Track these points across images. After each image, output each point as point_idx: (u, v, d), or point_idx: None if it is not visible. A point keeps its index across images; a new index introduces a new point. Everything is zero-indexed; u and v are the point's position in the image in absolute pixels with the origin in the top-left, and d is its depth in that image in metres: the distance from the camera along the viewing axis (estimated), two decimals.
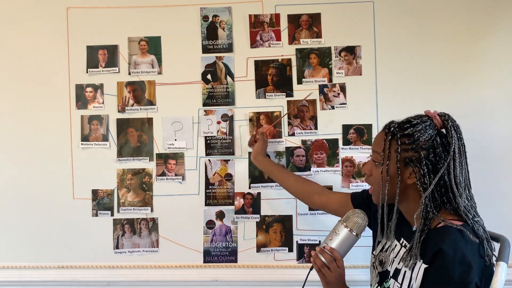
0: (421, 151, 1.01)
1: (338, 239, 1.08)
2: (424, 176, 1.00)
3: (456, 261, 0.93)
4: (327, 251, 1.07)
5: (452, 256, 0.94)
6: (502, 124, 1.57)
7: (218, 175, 1.65)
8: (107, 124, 1.66)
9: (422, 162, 1.00)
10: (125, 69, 1.65)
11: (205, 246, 1.66)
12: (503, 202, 1.57)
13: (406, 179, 1.03)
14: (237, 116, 1.64)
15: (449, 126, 1.02)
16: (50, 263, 1.68)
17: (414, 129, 1.02)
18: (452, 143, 1.00)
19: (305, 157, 1.62)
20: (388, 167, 1.04)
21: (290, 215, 1.63)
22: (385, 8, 1.59)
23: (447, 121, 1.03)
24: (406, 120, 1.07)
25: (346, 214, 1.12)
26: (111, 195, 1.66)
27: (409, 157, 1.02)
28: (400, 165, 1.03)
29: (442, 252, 0.94)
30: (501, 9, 1.57)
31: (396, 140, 1.03)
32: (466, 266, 0.93)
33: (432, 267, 0.96)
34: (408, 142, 1.02)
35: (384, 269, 1.14)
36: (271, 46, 1.62)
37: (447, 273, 0.93)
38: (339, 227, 1.10)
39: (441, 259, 0.94)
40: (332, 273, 1.06)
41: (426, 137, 1.01)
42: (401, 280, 1.05)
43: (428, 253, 0.98)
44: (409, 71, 1.59)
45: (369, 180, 1.12)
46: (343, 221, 1.10)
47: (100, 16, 1.65)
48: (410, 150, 1.02)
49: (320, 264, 1.06)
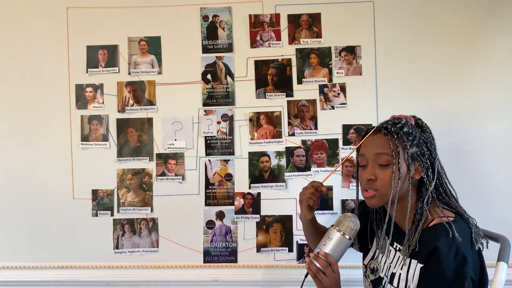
0: (422, 146, 1.07)
1: (332, 243, 1.08)
2: (428, 169, 1.06)
3: (451, 257, 0.95)
4: (321, 256, 1.07)
5: (447, 252, 0.95)
6: (501, 124, 1.57)
7: (218, 175, 1.64)
8: (107, 124, 1.66)
9: (425, 156, 1.07)
10: (125, 69, 1.65)
11: (205, 246, 1.66)
12: (503, 202, 1.57)
13: (413, 175, 1.06)
14: (237, 116, 1.64)
15: (424, 124, 1.12)
16: (50, 263, 1.68)
17: (408, 127, 1.07)
18: (433, 139, 1.10)
19: (305, 157, 1.62)
20: (400, 165, 1.05)
21: (290, 215, 1.63)
22: (385, 8, 1.59)
23: (420, 121, 1.12)
24: (393, 122, 1.09)
25: (338, 218, 1.12)
26: (111, 195, 1.66)
27: (415, 152, 1.06)
28: (409, 162, 1.05)
29: (437, 249, 0.96)
30: (501, 10, 1.57)
31: (401, 138, 1.05)
32: (461, 260, 0.95)
33: (428, 266, 0.98)
34: (410, 138, 1.06)
35: (376, 276, 1.15)
36: (271, 46, 1.62)
37: (443, 269, 0.95)
38: (332, 232, 1.09)
39: (437, 257, 0.96)
40: (328, 278, 1.06)
41: (419, 134, 1.08)
42: (396, 284, 1.06)
43: (423, 253, 0.99)
44: (409, 71, 1.59)
45: (374, 185, 1.08)
46: (336, 225, 1.10)
47: (100, 16, 1.65)
48: (414, 146, 1.06)
49: (316, 270, 1.06)
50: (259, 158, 1.63)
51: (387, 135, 1.06)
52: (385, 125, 1.08)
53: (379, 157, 1.07)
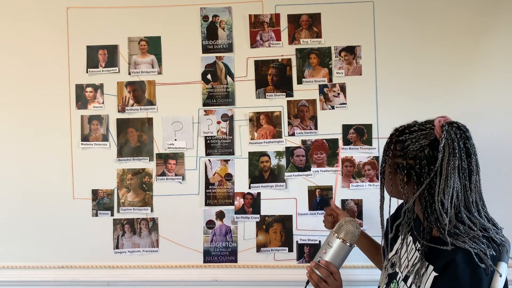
0: (407, 160, 1.00)
1: (332, 251, 1.07)
2: (406, 184, 1.00)
3: (468, 273, 0.92)
4: (322, 265, 1.06)
5: (464, 268, 0.92)
6: (501, 125, 1.57)
7: (218, 175, 1.65)
8: (107, 124, 1.66)
9: (404, 171, 1.00)
10: (125, 69, 1.65)
11: (205, 246, 1.66)
12: (503, 202, 1.57)
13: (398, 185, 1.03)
14: (237, 116, 1.64)
15: (442, 139, 0.95)
16: (50, 263, 1.68)
17: (408, 136, 1.02)
18: (439, 158, 0.95)
19: (305, 157, 1.62)
20: (384, 169, 1.05)
21: (290, 215, 1.63)
22: (385, 8, 1.59)
23: (443, 133, 0.96)
24: (407, 125, 1.06)
25: (338, 223, 1.11)
26: (111, 195, 1.66)
27: (397, 163, 1.02)
28: (392, 169, 1.04)
29: (455, 262, 0.93)
30: (502, 10, 1.57)
31: (390, 145, 1.04)
32: (478, 279, 0.92)
33: (443, 277, 0.95)
34: (399, 148, 1.03)
35: (393, 270, 1.14)
36: (271, 46, 1.62)
37: (458, 284, 0.92)
38: (332, 239, 1.08)
39: (453, 270, 0.93)
40: (330, 286, 1.05)
41: (416, 146, 0.99)
42: (409, 284, 1.04)
43: (440, 262, 0.96)
44: (409, 71, 1.59)
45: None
46: (335, 231, 1.09)
47: (100, 16, 1.65)
48: (399, 156, 1.02)
49: (317, 279, 1.06)
50: (259, 158, 1.63)
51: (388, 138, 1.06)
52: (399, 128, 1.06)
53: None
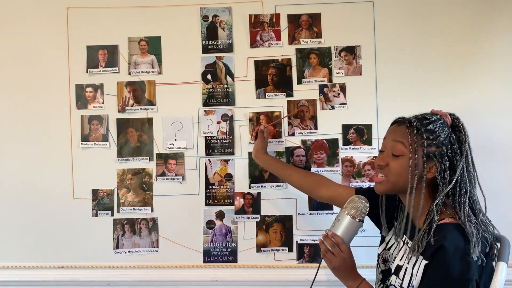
0: (443, 147, 1.03)
1: (340, 224, 1.10)
2: (444, 171, 1.03)
3: (457, 257, 0.94)
4: (329, 236, 1.10)
5: (453, 252, 0.95)
6: (502, 125, 1.57)
7: (218, 175, 1.65)
8: (107, 124, 1.66)
9: (444, 157, 1.03)
10: (125, 69, 1.65)
11: (205, 246, 1.66)
12: (503, 202, 1.57)
13: (426, 173, 1.05)
14: (237, 116, 1.64)
15: (460, 124, 1.07)
16: (50, 263, 1.68)
17: (434, 125, 1.05)
18: (466, 141, 1.05)
19: (305, 157, 1.62)
20: (417, 161, 1.04)
21: (290, 215, 1.63)
22: (385, 8, 1.59)
23: (457, 120, 1.08)
24: (422, 117, 1.08)
25: (348, 201, 1.14)
26: (111, 195, 1.66)
27: (432, 152, 1.03)
28: (424, 160, 1.04)
29: (443, 248, 0.95)
30: (503, 9, 1.56)
31: (421, 135, 1.04)
32: (467, 262, 0.94)
33: (432, 263, 0.97)
34: (431, 137, 1.04)
35: (387, 267, 1.16)
36: (271, 46, 1.62)
37: (448, 269, 0.94)
38: (341, 214, 1.12)
39: (442, 255, 0.95)
40: (336, 257, 1.08)
41: (445, 133, 1.05)
42: (402, 276, 1.06)
43: (429, 250, 0.99)
44: (409, 71, 1.59)
45: (383, 171, 1.10)
46: (345, 208, 1.12)
47: (100, 16, 1.65)
48: (433, 145, 1.04)
49: (324, 250, 1.10)
50: None
51: (409, 128, 1.06)
52: (413, 118, 1.07)
53: (395, 145, 1.07)
